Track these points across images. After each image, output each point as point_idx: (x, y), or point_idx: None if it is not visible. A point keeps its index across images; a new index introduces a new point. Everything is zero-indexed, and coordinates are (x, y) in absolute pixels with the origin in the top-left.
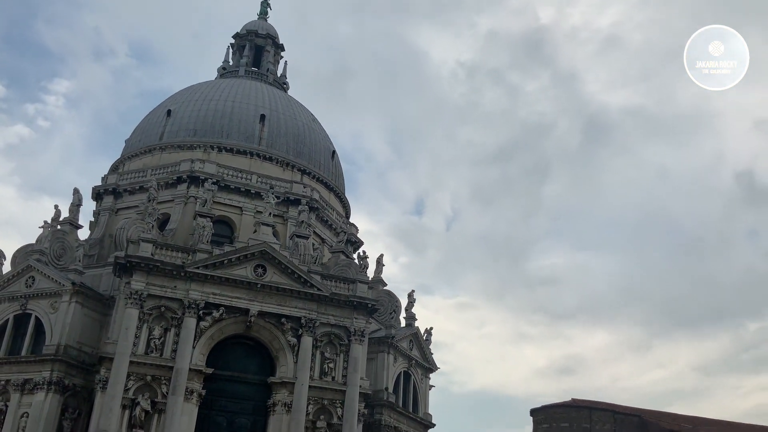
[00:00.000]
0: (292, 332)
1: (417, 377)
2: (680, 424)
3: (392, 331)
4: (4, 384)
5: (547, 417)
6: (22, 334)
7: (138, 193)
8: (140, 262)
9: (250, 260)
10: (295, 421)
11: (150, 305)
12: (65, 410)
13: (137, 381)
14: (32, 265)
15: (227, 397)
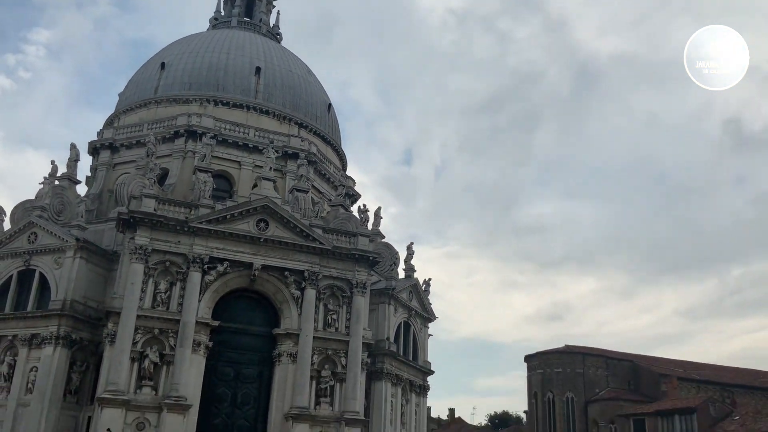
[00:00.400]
0: (296, 285)
1: (416, 327)
2: (671, 368)
3: (392, 283)
4: (11, 339)
5: (541, 363)
6: (26, 289)
7: (135, 147)
8: (143, 218)
9: (252, 215)
10: (301, 370)
11: (155, 260)
12: (73, 364)
13: (145, 334)
14: (34, 222)
15: (234, 348)
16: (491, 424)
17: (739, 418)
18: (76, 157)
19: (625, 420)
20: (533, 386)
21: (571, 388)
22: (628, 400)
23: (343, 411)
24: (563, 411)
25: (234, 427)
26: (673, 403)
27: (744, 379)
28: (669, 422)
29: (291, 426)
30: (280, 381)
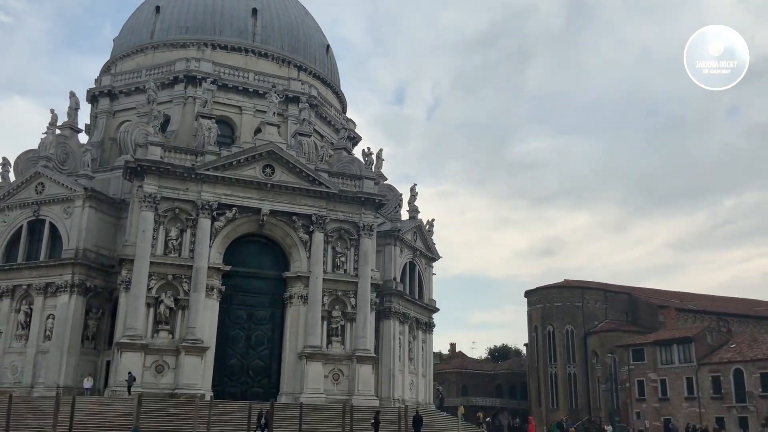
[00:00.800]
0: (304, 229)
1: (421, 266)
2: (668, 299)
3: (398, 225)
4: (25, 288)
5: (541, 298)
6: (37, 239)
7: (134, 94)
8: (151, 166)
9: (258, 161)
10: (312, 311)
11: (164, 207)
12: (89, 311)
13: (159, 280)
14: (41, 172)
15: (246, 291)
16: (491, 357)
17: (735, 346)
18: (76, 106)
19: (623, 350)
20: (533, 320)
21: (570, 321)
22: (627, 331)
23: (355, 349)
24: (563, 343)
25: (249, 367)
26: (672, 333)
27: (739, 308)
28: (667, 351)
29: (305, 364)
30: (292, 322)
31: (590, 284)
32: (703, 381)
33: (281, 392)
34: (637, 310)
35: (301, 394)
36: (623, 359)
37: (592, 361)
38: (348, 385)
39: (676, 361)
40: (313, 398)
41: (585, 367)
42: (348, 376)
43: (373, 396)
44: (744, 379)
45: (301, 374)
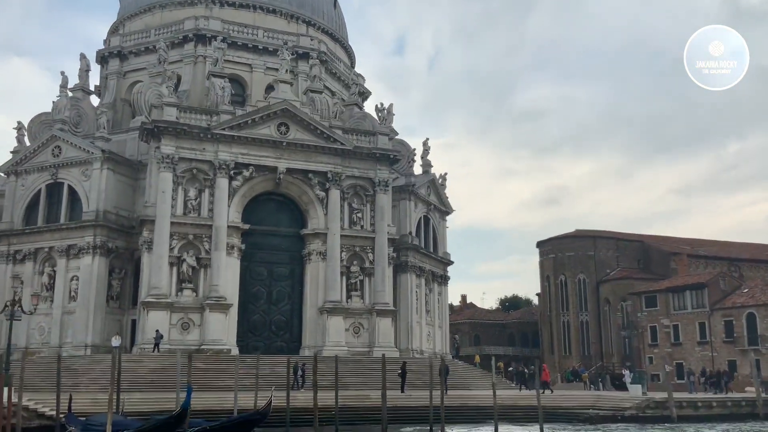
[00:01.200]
0: (320, 186)
1: (435, 220)
2: (679, 246)
3: (412, 179)
4: (47, 251)
5: (553, 248)
6: (56, 202)
7: (144, 54)
8: (167, 127)
9: (273, 119)
10: (331, 267)
11: (182, 168)
12: (112, 271)
13: (180, 240)
14: (57, 135)
15: (265, 249)
16: (502, 308)
17: (748, 290)
18: (87, 68)
19: (636, 297)
20: (545, 270)
21: (582, 270)
22: (639, 279)
23: (374, 303)
24: (575, 292)
25: (271, 323)
26: (684, 280)
27: (750, 252)
28: (680, 298)
29: (326, 318)
30: (312, 278)
31: (602, 233)
32: (716, 325)
33: (303, 346)
34: (649, 258)
35: (324, 347)
36: (636, 306)
37: (604, 309)
38: (368, 337)
39: (689, 306)
40: (335, 351)
41: (597, 315)
42: (368, 329)
43: (394, 348)
44: (756, 323)
45: (322, 328)
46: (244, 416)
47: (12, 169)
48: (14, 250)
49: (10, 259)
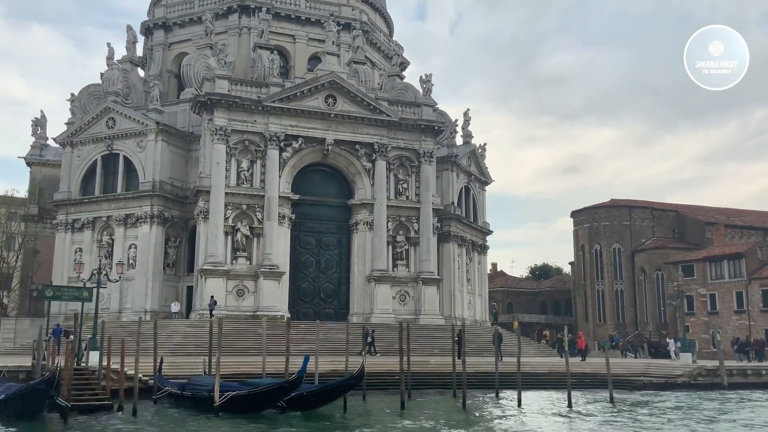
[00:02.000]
0: (366, 157)
1: (475, 190)
2: (714, 216)
3: (454, 150)
4: (105, 220)
5: (588, 217)
6: (112, 172)
7: (188, 25)
8: (220, 99)
9: (320, 91)
10: (378, 237)
11: (234, 140)
12: (168, 240)
13: (234, 210)
14: (111, 107)
15: (313, 219)
16: (532, 276)
17: None
18: (134, 39)
19: (673, 267)
20: (580, 239)
21: (618, 240)
22: (674, 248)
23: (419, 272)
24: (610, 261)
25: (320, 290)
26: (722, 249)
27: None
28: (718, 267)
29: (374, 286)
30: (359, 247)
31: (637, 203)
32: (753, 295)
33: (351, 313)
34: (684, 227)
35: (372, 314)
36: (672, 275)
37: (639, 278)
38: (414, 305)
39: (726, 276)
40: (382, 318)
41: (632, 284)
42: (414, 297)
43: (439, 315)
44: None
45: (370, 296)
46: (343, 380)
47: (67, 140)
48: (73, 219)
49: (69, 227)
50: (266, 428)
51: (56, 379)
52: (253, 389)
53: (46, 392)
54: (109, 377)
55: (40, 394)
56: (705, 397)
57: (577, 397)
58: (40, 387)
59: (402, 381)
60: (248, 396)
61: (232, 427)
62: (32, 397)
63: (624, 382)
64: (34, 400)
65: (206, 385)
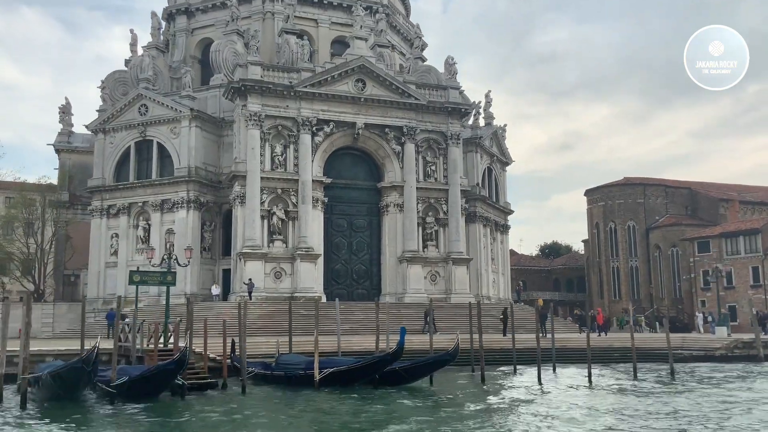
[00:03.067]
0: (395, 140)
1: (497, 171)
2: (726, 192)
3: (478, 132)
4: (141, 205)
5: (602, 196)
6: (145, 158)
7: (211, 11)
8: (254, 85)
9: (350, 75)
10: (408, 218)
11: (268, 125)
12: (203, 224)
13: (269, 194)
14: (143, 94)
15: (344, 201)
16: (542, 254)
17: None
18: (159, 26)
19: (688, 243)
20: (594, 217)
21: (632, 217)
22: (688, 225)
23: (449, 252)
24: (625, 238)
25: (352, 271)
26: (737, 225)
27: None
28: (733, 243)
29: (406, 267)
30: (390, 228)
31: (650, 180)
32: None
33: (384, 293)
34: (697, 204)
35: (405, 294)
36: (687, 251)
37: (654, 255)
38: (444, 285)
39: (742, 251)
40: (415, 297)
41: (647, 261)
42: (444, 277)
43: (469, 294)
44: None
45: (402, 276)
46: (438, 356)
47: (100, 127)
48: (108, 205)
49: (104, 213)
50: (370, 401)
51: (186, 360)
52: (354, 364)
53: (176, 372)
54: (206, 358)
55: (170, 375)
56: (756, 370)
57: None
58: (170, 367)
59: (482, 357)
60: (348, 371)
61: (338, 400)
62: (161, 377)
63: (665, 355)
64: (163, 379)
65: (297, 364)
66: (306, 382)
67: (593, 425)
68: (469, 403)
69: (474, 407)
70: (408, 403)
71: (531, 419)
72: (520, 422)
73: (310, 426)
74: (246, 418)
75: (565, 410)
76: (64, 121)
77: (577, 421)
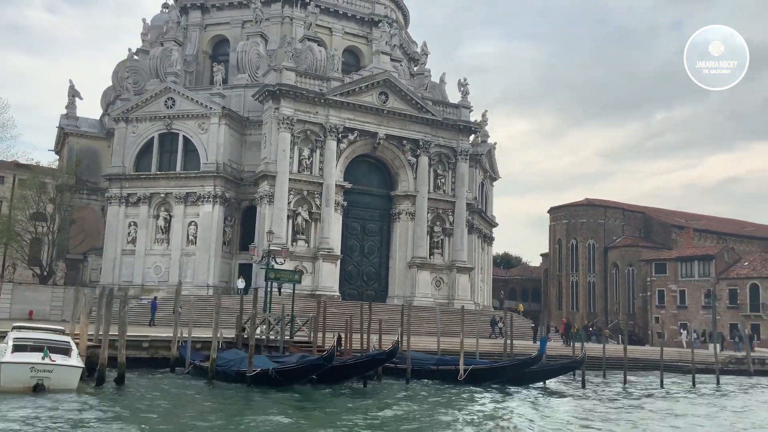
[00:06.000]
0: (411, 152)
1: (487, 185)
2: (675, 219)
3: (478, 149)
4: (163, 196)
5: (566, 214)
6: (168, 150)
7: (227, 9)
8: (288, 90)
9: (375, 88)
10: (419, 226)
11: (298, 129)
12: (224, 219)
13: (296, 195)
14: (171, 88)
15: (359, 206)
16: (494, 264)
17: (748, 263)
18: (177, 19)
19: (645, 264)
20: (557, 233)
21: (593, 236)
22: (643, 247)
23: (453, 260)
24: (585, 255)
25: (363, 273)
26: (693, 251)
27: (733, 228)
28: (688, 267)
29: (416, 272)
30: (401, 235)
31: (611, 203)
32: (720, 293)
33: (391, 295)
34: (650, 228)
35: (414, 297)
36: (642, 271)
37: (611, 272)
38: (447, 290)
39: (696, 275)
40: (423, 301)
41: (604, 277)
42: (447, 283)
43: (470, 301)
44: (759, 293)
45: (411, 281)
46: (523, 359)
47: (122, 116)
48: (127, 193)
49: (123, 201)
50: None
51: (397, 350)
52: (495, 364)
53: (385, 362)
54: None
55: (379, 363)
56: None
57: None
58: (381, 357)
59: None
60: (489, 370)
61: (478, 394)
62: (371, 365)
63: (674, 367)
64: (372, 367)
65: (425, 359)
66: (448, 377)
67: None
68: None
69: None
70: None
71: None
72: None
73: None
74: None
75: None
76: (70, 106)
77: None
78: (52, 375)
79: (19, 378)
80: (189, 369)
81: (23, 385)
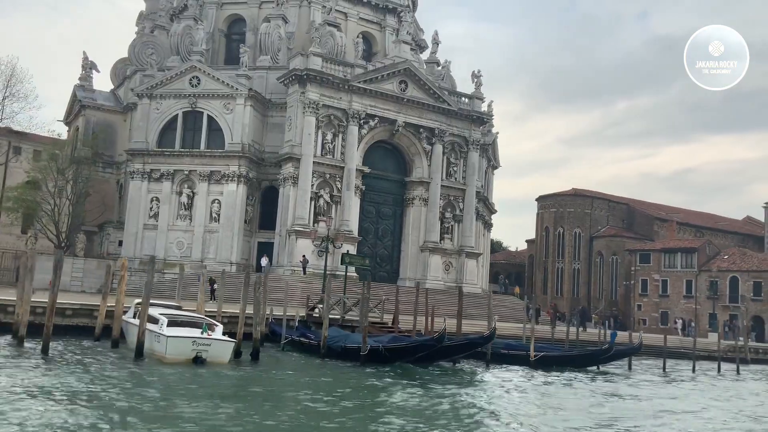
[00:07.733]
0: (426, 140)
1: (490, 174)
2: (657, 211)
3: (486, 139)
4: (187, 173)
5: (554, 203)
6: (192, 128)
7: None
8: (316, 75)
9: (396, 76)
10: (432, 212)
11: (322, 114)
12: (246, 198)
13: (318, 178)
14: (197, 66)
15: (375, 191)
16: None
17: (728, 257)
18: None
19: (630, 253)
20: (545, 221)
21: (579, 225)
22: (627, 237)
23: (462, 246)
24: (571, 243)
25: (377, 255)
26: (676, 243)
27: (708, 222)
28: (671, 258)
29: (428, 256)
30: (414, 219)
31: (597, 194)
32: (701, 284)
33: (403, 277)
34: (633, 219)
35: (426, 280)
36: (625, 260)
37: (596, 260)
38: (455, 274)
39: (679, 266)
40: (434, 284)
41: (588, 265)
42: (456, 268)
43: (477, 285)
44: (738, 285)
45: (423, 264)
46: (594, 350)
47: (146, 92)
48: (150, 169)
49: (145, 176)
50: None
51: (494, 335)
52: (567, 352)
53: (481, 345)
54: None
55: (477, 346)
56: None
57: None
58: (480, 341)
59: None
60: (561, 357)
61: (554, 379)
62: (469, 347)
63: (678, 354)
64: (470, 349)
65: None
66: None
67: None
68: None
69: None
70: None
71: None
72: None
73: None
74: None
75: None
76: (86, 77)
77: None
78: (210, 349)
79: (182, 351)
80: (283, 344)
81: (185, 357)
